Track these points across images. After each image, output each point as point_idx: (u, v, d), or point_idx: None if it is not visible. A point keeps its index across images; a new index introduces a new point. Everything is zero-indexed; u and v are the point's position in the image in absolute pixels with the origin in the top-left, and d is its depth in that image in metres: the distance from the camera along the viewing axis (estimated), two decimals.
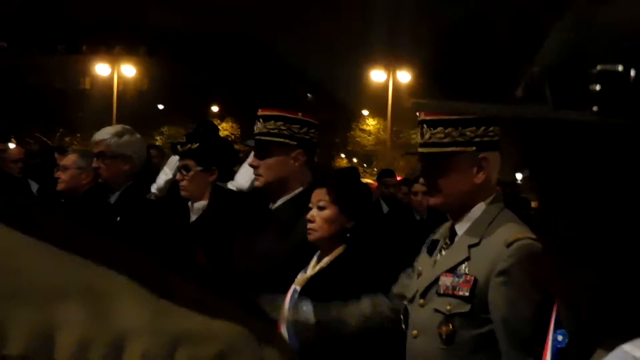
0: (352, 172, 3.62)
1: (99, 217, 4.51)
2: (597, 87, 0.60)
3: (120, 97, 40.25)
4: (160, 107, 45.88)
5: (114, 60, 42.06)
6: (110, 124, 8.13)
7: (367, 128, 45.89)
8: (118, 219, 4.36)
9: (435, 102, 0.81)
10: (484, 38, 41.25)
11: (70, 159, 5.45)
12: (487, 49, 40.61)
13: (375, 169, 40.31)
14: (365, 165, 45.27)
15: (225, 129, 43.97)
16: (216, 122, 43.69)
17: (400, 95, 40.69)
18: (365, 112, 46.45)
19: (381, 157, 40.72)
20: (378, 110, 43.26)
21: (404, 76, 40.50)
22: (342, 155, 46.71)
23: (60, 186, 5.34)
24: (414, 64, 40.98)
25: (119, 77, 41.10)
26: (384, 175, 9.36)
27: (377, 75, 40.96)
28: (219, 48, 46.60)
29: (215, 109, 45.93)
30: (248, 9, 52.10)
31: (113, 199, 4.57)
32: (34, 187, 6.93)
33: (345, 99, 47.19)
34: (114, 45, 46.72)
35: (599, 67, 0.60)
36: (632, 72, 0.59)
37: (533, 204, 12.43)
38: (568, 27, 0.66)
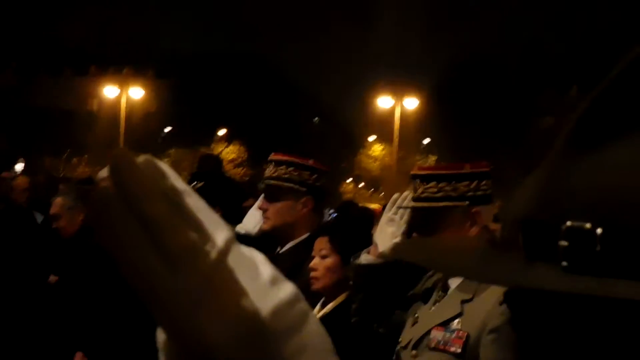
0: (353, 211, 3.62)
1: (107, 260, 4.52)
2: (565, 244, 0.59)
3: (128, 119, 40.27)
4: (168, 129, 45.89)
5: (122, 81, 42.09)
6: (117, 146, 8.23)
7: (374, 154, 45.80)
8: None
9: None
10: (493, 68, 41.34)
11: (57, 205, 5.37)
12: (496, 79, 40.70)
13: (382, 194, 40.26)
14: (372, 189, 45.18)
15: (232, 151, 43.93)
16: (223, 145, 43.84)
17: (407, 122, 40.68)
18: (371, 138, 46.37)
19: (387, 183, 40.64)
20: (385, 136, 43.18)
21: (411, 102, 40.44)
22: (349, 180, 46.58)
23: (63, 234, 5.35)
24: (421, 90, 40.97)
25: (127, 98, 41.16)
26: None
27: (384, 102, 40.91)
28: (227, 70, 46.65)
29: (222, 131, 45.91)
30: (257, 31, 52.34)
31: None
32: (39, 218, 6.97)
33: (352, 124, 47.17)
34: (122, 66, 46.80)
35: (568, 223, 0.59)
36: (599, 230, 0.58)
37: None
38: (544, 178, 0.65)
